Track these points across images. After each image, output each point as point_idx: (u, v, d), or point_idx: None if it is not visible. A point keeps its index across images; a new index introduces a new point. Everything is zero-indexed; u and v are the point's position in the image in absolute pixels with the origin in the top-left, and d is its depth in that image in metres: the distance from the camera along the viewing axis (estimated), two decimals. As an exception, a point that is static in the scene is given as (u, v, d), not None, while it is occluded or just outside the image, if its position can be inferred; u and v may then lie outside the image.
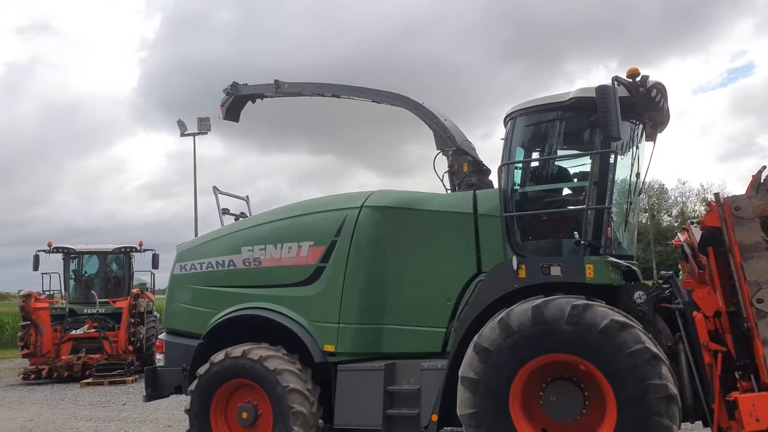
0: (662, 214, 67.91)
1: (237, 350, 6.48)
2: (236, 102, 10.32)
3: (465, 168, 7.36)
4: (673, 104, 6.21)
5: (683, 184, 71.94)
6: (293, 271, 6.76)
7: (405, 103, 8.17)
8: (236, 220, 8.46)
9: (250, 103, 10.52)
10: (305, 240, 6.75)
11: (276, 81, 9.86)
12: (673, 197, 67.95)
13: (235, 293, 7.05)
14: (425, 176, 8.13)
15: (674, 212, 66.62)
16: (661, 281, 5.99)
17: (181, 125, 30.67)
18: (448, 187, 7.46)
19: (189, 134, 30.80)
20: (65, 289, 19.35)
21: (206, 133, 30.91)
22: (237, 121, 10.63)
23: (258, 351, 6.42)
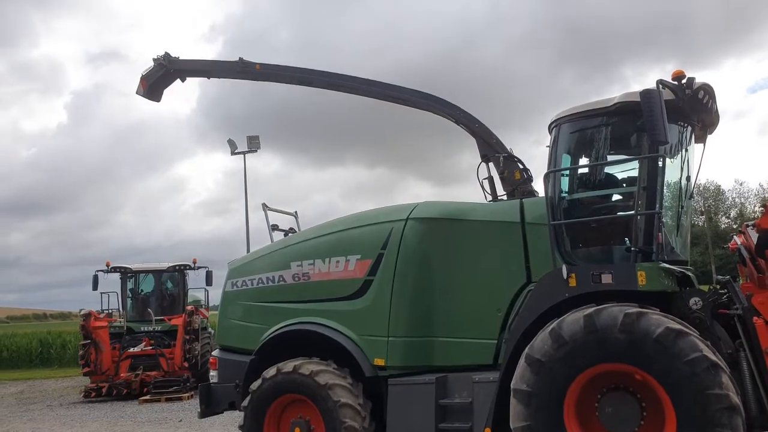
0: (720, 216, 65.69)
1: (288, 365, 6.56)
2: (164, 77, 9.31)
3: (517, 176, 7.31)
4: (731, 103, 6.03)
5: (741, 184, 69.37)
6: (341, 285, 6.81)
7: (442, 105, 8.01)
8: (285, 235, 8.60)
9: (178, 80, 9.47)
10: (352, 254, 6.80)
11: (241, 59, 8.91)
12: (730, 198, 65.68)
13: (285, 308, 7.15)
14: (478, 185, 8.07)
15: (732, 214, 64.36)
16: (718, 286, 5.79)
17: (232, 144, 31.31)
18: (491, 194, 7.42)
19: (239, 152, 31.40)
20: (123, 308, 19.96)
21: (256, 151, 31.45)
22: (158, 100, 9.62)
23: (309, 366, 6.48)
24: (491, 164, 7.51)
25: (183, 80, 9.39)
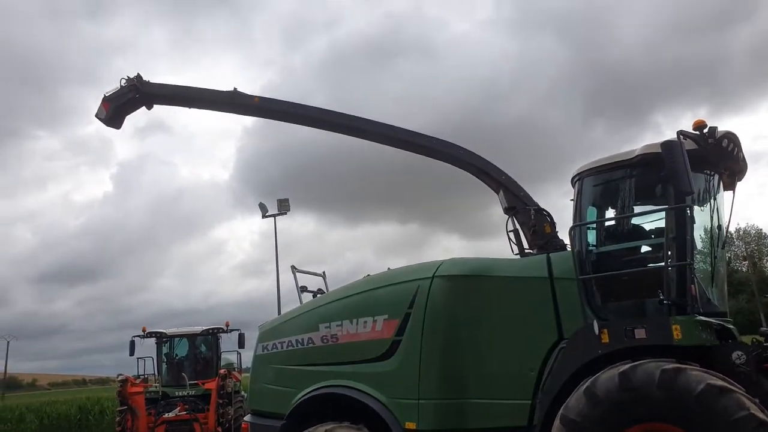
0: (764, 261, 63.63)
1: (319, 430, 6.46)
2: (132, 102, 8.36)
3: (547, 229, 7.25)
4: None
5: (784, 228, 67.29)
6: (370, 346, 6.75)
7: (466, 155, 7.93)
8: (314, 297, 8.63)
9: (144, 107, 8.52)
10: (379, 314, 6.76)
11: (235, 89, 8.10)
12: (774, 242, 63.76)
13: (315, 371, 7.10)
14: (507, 238, 7.92)
15: (778, 258, 62.30)
16: (762, 339, 5.57)
17: (263, 208, 31.91)
18: (518, 248, 7.37)
19: (270, 215, 31.94)
20: (158, 373, 20.02)
21: (286, 213, 31.97)
22: (119, 127, 8.56)
23: (339, 431, 6.37)
24: (517, 217, 7.48)
25: (150, 107, 8.44)
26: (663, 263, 5.59)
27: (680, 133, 5.42)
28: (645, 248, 6.16)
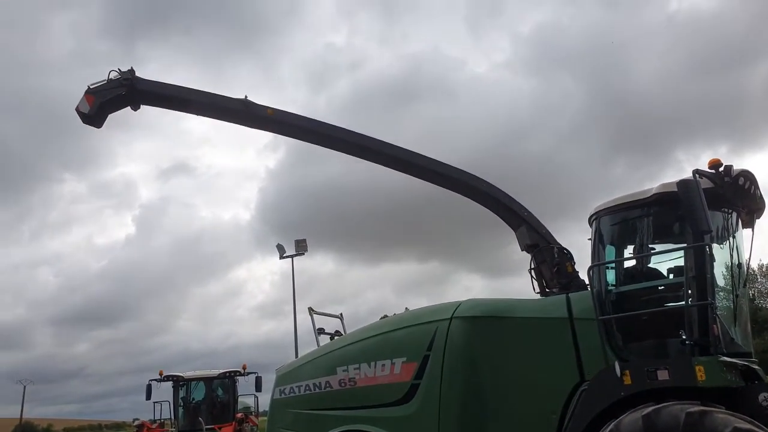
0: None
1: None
2: (120, 99, 7.49)
3: (569, 268, 7.19)
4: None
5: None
6: (388, 389, 6.68)
7: (488, 188, 7.75)
8: (331, 339, 8.61)
9: (129, 107, 7.62)
10: (398, 356, 6.71)
11: (246, 98, 7.42)
12: (798, 278, 62.33)
13: (333, 416, 7.02)
14: (529, 277, 7.76)
15: (802, 295, 60.83)
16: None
17: (280, 249, 31.98)
18: (539, 287, 7.31)
19: (287, 256, 31.98)
20: (175, 417, 19.86)
21: (303, 254, 31.97)
22: (99, 126, 7.64)
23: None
24: (538, 255, 7.41)
25: (137, 108, 7.52)
26: (684, 302, 5.53)
27: (696, 171, 5.42)
28: (665, 287, 6.10)
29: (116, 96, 7.41)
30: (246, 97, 7.36)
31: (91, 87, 7.33)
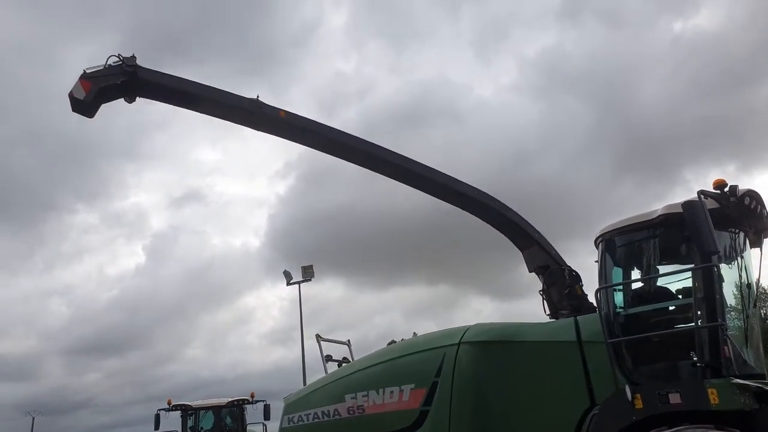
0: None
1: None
2: (117, 88, 6.86)
3: (578, 291, 7.14)
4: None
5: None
6: (397, 417, 6.61)
7: (506, 210, 7.63)
8: (339, 366, 8.56)
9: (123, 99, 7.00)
10: (406, 383, 6.65)
11: (258, 99, 7.04)
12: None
13: None
14: (539, 299, 7.64)
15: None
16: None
17: (287, 275, 31.91)
18: (550, 309, 7.25)
19: (294, 283, 31.90)
20: (183, 447, 19.66)
21: (310, 280, 31.88)
22: (92, 116, 7.05)
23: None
24: (548, 277, 7.34)
25: (132, 100, 6.93)
26: (693, 324, 5.48)
27: (701, 192, 5.40)
28: (674, 309, 6.05)
29: (113, 84, 6.79)
30: (258, 97, 6.94)
31: (88, 72, 6.68)
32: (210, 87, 7.02)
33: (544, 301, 7.33)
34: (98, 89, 6.67)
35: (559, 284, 7.22)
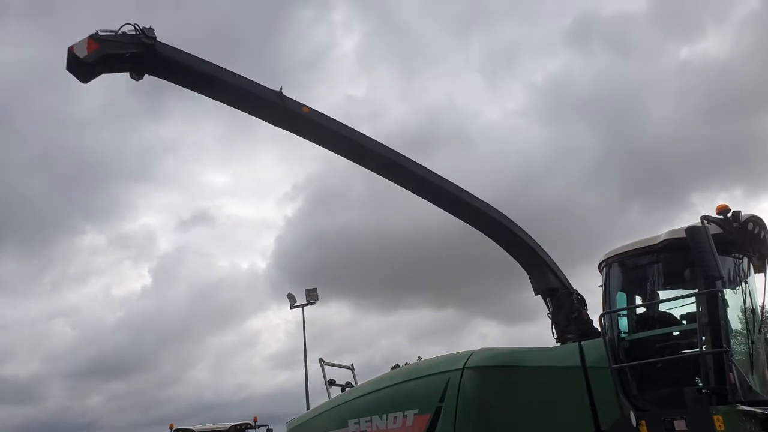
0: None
1: None
2: (124, 59, 6.24)
3: (583, 315, 7.12)
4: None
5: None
6: None
7: (518, 230, 7.52)
8: (342, 390, 8.53)
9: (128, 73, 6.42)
10: (409, 408, 6.62)
11: (281, 91, 6.63)
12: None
13: None
14: (546, 323, 7.49)
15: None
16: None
17: (291, 298, 31.81)
18: (558, 333, 7.22)
19: (298, 306, 31.79)
20: (186, 471, 19.46)
21: (314, 303, 31.76)
22: (86, 81, 6.44)
23: None
24: (555, 300, 7.30)
25: (141, 77, 6.34)
26: (698, 350, 5.45)
27: (704, 218, 5.42)
28: (679, 334, 6.02)
29: (122, 54, 6.15)
30: (281, 89, 6.51)
31: (99, 33, 6.07)
32: (231, 72, 6.54)
33: (553, 325, 7.30)
34: (104, 54, 6.09)
35: (567, 308, 7.20)
